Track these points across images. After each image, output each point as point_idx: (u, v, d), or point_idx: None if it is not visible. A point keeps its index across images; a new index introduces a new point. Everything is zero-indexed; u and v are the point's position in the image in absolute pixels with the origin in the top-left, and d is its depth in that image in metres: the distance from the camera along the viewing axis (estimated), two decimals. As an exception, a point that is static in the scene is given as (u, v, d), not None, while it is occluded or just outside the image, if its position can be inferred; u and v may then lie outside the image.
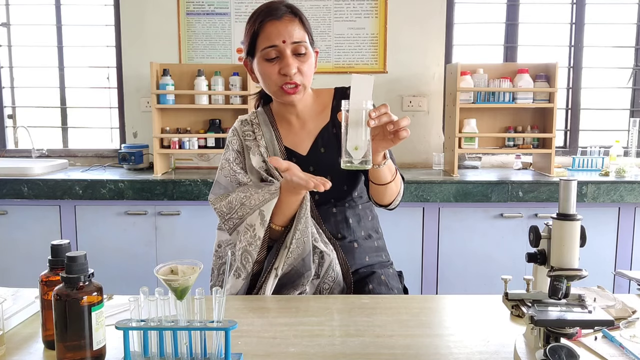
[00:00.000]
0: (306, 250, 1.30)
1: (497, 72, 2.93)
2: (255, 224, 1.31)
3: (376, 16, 3.11)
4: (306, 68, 1.34)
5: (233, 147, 1.45)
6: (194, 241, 2.66)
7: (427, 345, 0.99)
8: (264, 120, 1.45)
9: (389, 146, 1.16)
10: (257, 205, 1.31)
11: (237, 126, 1.47)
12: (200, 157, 3.15)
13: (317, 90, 1.48)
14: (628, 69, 3.25)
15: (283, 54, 1.31)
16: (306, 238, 1.30)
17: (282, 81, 1.33)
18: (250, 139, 1.43)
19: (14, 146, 3.34)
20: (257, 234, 1.31)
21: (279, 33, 1.31)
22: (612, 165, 2.82)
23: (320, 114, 1.44)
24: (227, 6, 3.12)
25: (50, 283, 0.98)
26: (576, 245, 0.89)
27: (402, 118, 1.11)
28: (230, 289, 1.34)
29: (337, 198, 1.41)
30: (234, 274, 1.34)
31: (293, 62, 1.31)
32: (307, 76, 1.35)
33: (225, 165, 1.44)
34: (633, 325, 1.08)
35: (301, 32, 1.33)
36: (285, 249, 1.31)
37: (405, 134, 1.11)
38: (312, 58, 1.36)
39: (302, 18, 1.35)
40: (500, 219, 2.65)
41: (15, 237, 2.68)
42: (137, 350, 0.88)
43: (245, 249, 1.32)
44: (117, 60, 3.19)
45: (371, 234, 1.47)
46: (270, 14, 1.32)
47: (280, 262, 1.31)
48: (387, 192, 1.34)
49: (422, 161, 3.16)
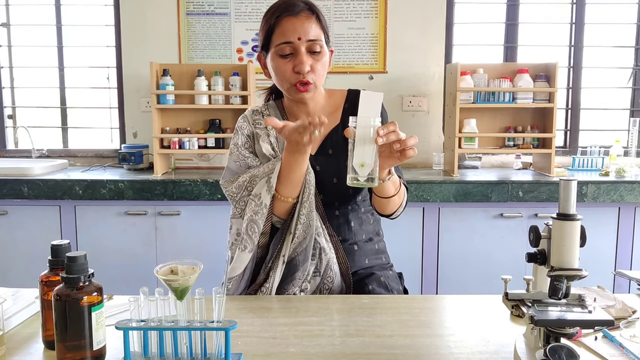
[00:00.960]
0: (309, 233, 1.30)
1: (497, 72, 2.93)
2: (262, 192, 1.30)
3: (376, 16, 3.11)
4: (319, 67, 1.32)
5: (243, 131, 1.44)
6: (194, 241, 2.66)
7: (427, 345, 0.99)
8: (275, 114, 1.44)
9: (394, 164, 1.16)
10: (264, 173, 1.31)
11: (248, 114, 1.46)
12: (200, 157, 3.15)
13: (330, 91, 1.47)
14: (628, 69, 3.25)
15: (298, 51, 1.30)
16: (311, 220, 1.30)
17: (295, 79, 1.31)
18: (260, 127, 1.42)
19: (14, 146, 3.34)
20: (263, 202, 1.29)
21: (295, 30, 1.29)
22: (612, 165, 2.82)
23: (331, 115, 1.43)
24: (227, 6, 3.12)
25: (50, 283, 0.98)
26: (576, 245, 0.89)
27: (409, 137, 1.10)
28: (235, 262, 1.32)
29: (341, 201, 1.40)
30: (240, 247, 1.33)
31: (307, 60, 1.30)
32: (320, 75, 1.34)
33: (234, 150, 1.42)
34: (633, 325, 1.08)
35: (317, 29, 1.32)
36: (290, 234, 1.31)
37: (412, 152, 1.11)
38: (326, 57, 1.35)
39: (319, 15, 1.34)
40: (500, 219, 2.65)
41: (15, 237, 2.68)
42: (137, 350, 0.88)
43: (251, 218, 1.30)
44: (117, 60, 3.19)
45: (372, 237, 1.46)
46: (287, 10, 1.30)
47: (286, 248, 1.31)
48: (389, 204, 1.34)
49: (422, 161, 3.16)
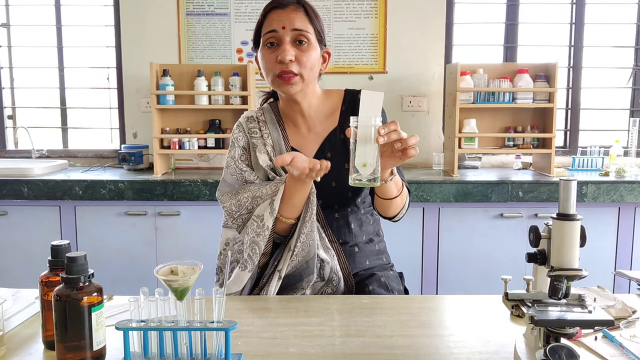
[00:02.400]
0: (311, 253, 1.29)
1: (497, 72, 2.93)
2: (264, 214, 1.29)
3: (376, 16, 3.11)
4: (305, 59, 1.29)
5: (239, 143, 1.42)
6: (194, 241, 2.66)
7: (427, 345, 0.99)
8: (271, 119, 1.42)
9: (396, 163, 1.16)
10: (267, 195, 1.30)
11: (243, 122, 1.44)
12: (200, 157, 3.15)
13: (327, 91, 1.45)
14: (628, 69, 3.25)
15: (281, 40, 1.28)
16: (311, 241, 1.29)
17: (278, 69, 1.29)
18: (256, 137, 1.40)
19: (14, 147, 3.34)
20: (265, 224, 1.29)
21: (280, 20, 1.28)
22: (612, 165, 2.82)
23: (329, 118, 1.41)
24: (227, 6, 3.12)
25: (50, 283, 0.98)
26: (576, 245, 0.89)
27: (410, 136, 1.10)
28: (234, 281, 1.31)
29: (340, 204, 1.39)
30: (240, 266, 1.32)
31: (289, 49, 1.28)
32: (306, 67, 1.30)
33: (231, 163, 1.41)
34: (633, 325, 1.08)
35: (305, 22, 1.30)
36: (290, 251, 1.30)
37: (414, 152, 1.10)
38: (314, 51, 1.31)
39: (309, 11, 1.32)
40: (500, 219, 2.65)
41: (15, 237, 2.68)
42: (137, 350, 0.88)
43: (253, 239, 1.30)
44: (117, 60, 3.19)
45: (372, 238, 1.46)
46: (276, 4, 1.31)
47: (284, 264, 1.30)
48: (392, 206, 1.33)
49: (422, 161, 3.16)
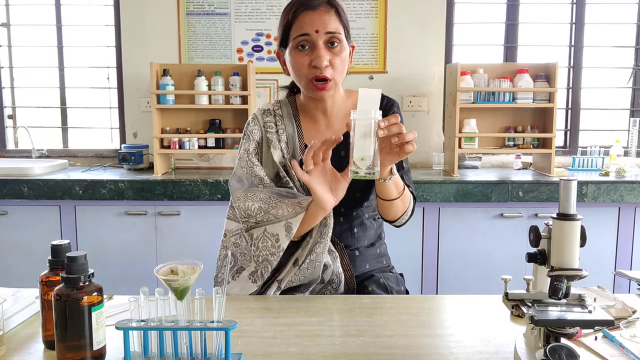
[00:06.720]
0: (315, 274, 1.29)
1: (497, 72, 2.93)
2: (279, 234, 1.27)
3: (376, 16, 3.11)
4: (338, 62, 1.28)
5: (254, 137, 1.39)
6: (194, 241, 2.66)
7: (427, 345, 0.99)
8: (288, 113, 1.40)
9: (394, 160, 1.15)
10: (284, 216, 1.27)
11: (259, 114, 1.41)
12: (200, 157, 3.15)
13: (349, 91, 1.43)
14: (628, 69, 3.25)
15: (315, 44, 1.26)
16: (318, 263, 1.29)
17: (312, 74, 1.28)
18: (272, 131, 1.38)
19: (14, 146, 3.34)
20: (280, 245, 1.27)
21: (313, 23, 1.26)
22: (612, 165, 2.82)
23: (348, 117, 1.40)
24: (227, 6, 3.12)
25: (50, 283, 0.98)
26: (576, 245, 0.89)
27: (408, 132, 1.09)
28: (241, 291, 1.31)
29: (347, 206, 1.37)
30: (249, 276, 1.31)
31: (325, 54, 1.26)
32: (339, 71, 1.30)
33: (244, 155, 1.37)
34: (633, 325, 1.08)
35: (336, 23, 1.28)
36: (296, 267, 1.29)
37: (411, 147, 1.10)
38: (345, 52, 1.30)
39: (339, 9, 1.30)
40: (500, 219, 2.65)
41: (15, 237, 2.68)
42: (137, 350, 0.88)
43: (266, 258, 1.28)
44: (117, 60, 3.19)
45: (374, 242, 1.45)
46: (305, 4, 1.28)
47: (286, 277, 1.30)
48: (392, 208, 1.31)
49: (422, 161, 3.16)
